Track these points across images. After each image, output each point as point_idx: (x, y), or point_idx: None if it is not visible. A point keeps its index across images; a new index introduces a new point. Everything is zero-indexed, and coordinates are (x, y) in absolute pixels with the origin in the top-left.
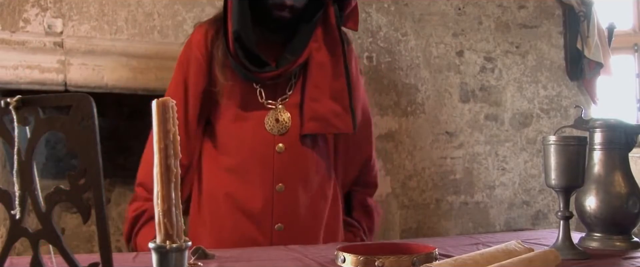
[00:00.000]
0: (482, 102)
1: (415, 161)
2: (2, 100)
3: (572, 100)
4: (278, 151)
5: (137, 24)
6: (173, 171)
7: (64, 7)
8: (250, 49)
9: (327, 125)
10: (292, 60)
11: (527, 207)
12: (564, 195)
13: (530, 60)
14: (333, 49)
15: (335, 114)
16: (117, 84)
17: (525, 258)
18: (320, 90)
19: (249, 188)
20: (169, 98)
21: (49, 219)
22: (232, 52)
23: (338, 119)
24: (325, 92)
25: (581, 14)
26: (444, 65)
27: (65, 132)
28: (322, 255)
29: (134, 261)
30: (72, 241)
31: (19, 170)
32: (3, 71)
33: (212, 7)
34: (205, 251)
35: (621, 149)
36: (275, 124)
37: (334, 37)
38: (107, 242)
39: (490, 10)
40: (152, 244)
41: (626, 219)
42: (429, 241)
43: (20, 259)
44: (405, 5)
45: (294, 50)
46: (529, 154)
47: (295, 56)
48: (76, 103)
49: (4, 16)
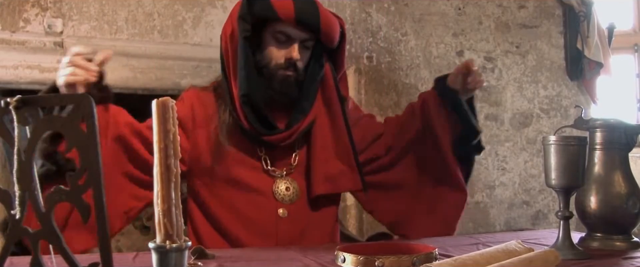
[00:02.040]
0: (482, 102)
1: None
2: (2, 100)
3: (572, 100)
4: (281, 216)
5: (137, 24)
6: (173, 171)
7: (64, 7)
8: (260, 112)
9: (337, 185)
10: (301, 119)
11: (527, 207)
12: (564, 195)
13: (530, 60)
14: (332, 108)
15: (343, 173)
16: (117, 83)
17: (525, 258)
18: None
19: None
20: (168, 98)
21: (49, 219)
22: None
23: (346, 178)
24: (330, 152)
25: (581, 14)
26: (444, 65)
27: (65, 132)
28: (322, 255)
29: (134, 261)
30: None
31: (19, 170)
32: (3, 71)
33: (212, 6)
34: (204, 251)
35: (621, 149)
36: (286, 192)
37: (332, 96)
38: (107, 242)
39: (490, 10)
40: (152, 244)
41: (626, 219)
42: (429, 241)
43: (20, 259)
44: (405, 5)
45: (303, 110)
46: (529, 154)
47: (304, 115)
48: (76, 103)
49: (4, 16)
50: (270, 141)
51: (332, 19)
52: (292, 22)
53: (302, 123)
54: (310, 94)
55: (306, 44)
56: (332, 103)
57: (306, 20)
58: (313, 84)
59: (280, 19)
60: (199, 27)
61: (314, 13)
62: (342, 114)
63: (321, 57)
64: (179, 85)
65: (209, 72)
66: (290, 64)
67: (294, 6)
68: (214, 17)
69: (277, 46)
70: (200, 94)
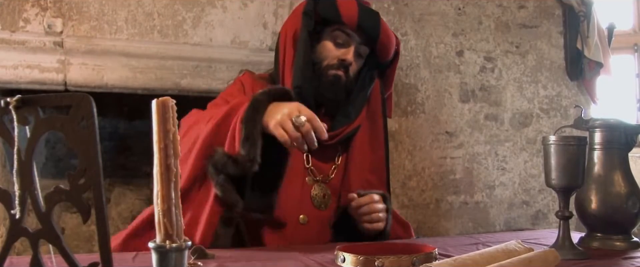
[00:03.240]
0: (482, 102)
1: (415, 160)
2: (2, 100)
3: (572, 100)
4: (301, 222)
5: (137, 24)
6: (173, 171)
7: (63, 6)
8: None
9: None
10: (345, 123)
11: (527, 207)
12: (564, 195)
13: (530, 60)
14: (376, 122)
15: (372, 186)
16: (117, 83)
17: (525, 258)
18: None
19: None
20: (168, 98)
21: (49, 218)
22: None
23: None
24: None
25: (581, 14)
26: (444, 65)
27: (65, 132)
28: (322, 255)
29: (134, 261)
30: (72, 241)
31: (19, 170)
32: (3, 71)
33: (212, 6)
34: (204, 250)
35: (621, 149)
36: (322, 199)
37: (378, 111)
38: (107, 242)
39: (490, 10)
40: (152, 244)
41: (626, 219)
42: (429, 241)
43: (20, 259)
44: (405, 5)
45: (348, 115)
46: (529, 154)
47: (349, 120)
48: (76, 103)
49: (4, 16)
50: None
51: (391, 34)
52: (353, 26)
53: (346, 127)
54: (358, 101)
55: (361, 51)
56: (376, 117)
57: (367, 27)
58: (362, 92)
59: (343, 22)
60: (199, 27)
61: (376, 22)
62: (383, 129)
63: (373, 70)
64: (179, 85)
65: (209, 72)
66: (342, 65)
67: (358, 12)
68: (214, 17)
69: (334, 46)
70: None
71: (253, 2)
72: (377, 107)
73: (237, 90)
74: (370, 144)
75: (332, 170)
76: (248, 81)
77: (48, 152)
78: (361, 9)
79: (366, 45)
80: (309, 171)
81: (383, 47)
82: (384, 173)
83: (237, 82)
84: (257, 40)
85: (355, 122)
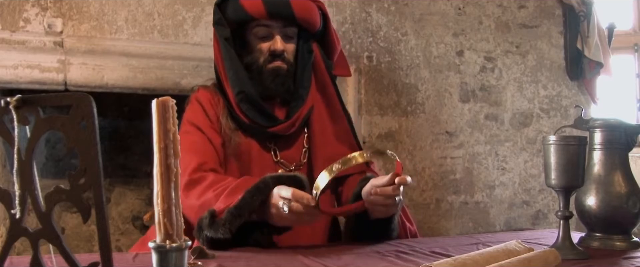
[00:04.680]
0: (482, 102)
1: (415, 160)
2: (2, 100)
3: (572, 100)
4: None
5: (137, 24)
6: (173, 171)
7: (64, 6)
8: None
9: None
10: (299, 108)
11: (527, 207)
12: (564, 195)
13: (531, 60)
14: (326, 90)
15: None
16: (117, 83)
17: (525, 258)
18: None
19: None
20: (169, 98)
21: (49, 218)
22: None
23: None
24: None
25: (581, 14)
26: (444, 65)
27: (65, 131)
28: (322, 255)
29: (134, 261)
30: (72, 241)
31: (19, 169)
32: (3, 71)
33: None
34: (204, 250)
35: (621, 149)
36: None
37: (326, 80)
38: (107, 242)
39: (490, 10)
40: (152, 243)
41: (626, 219)
42: (429, 240)
43: (20, 259)
44: (405, 5)
45: (301, 97)
46: (529, 154)
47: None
48: (76, 103)
49: (4, 16)
50: (273, 131)
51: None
52: (264, 17)
53: (301, 110)
54: (304, 81)
55: (288, 33)
56: (326, 86)
57: (278, 12)
58: (305, 71)
59: (252, 17)
60: (199, 27)
61: (285, 3)
62: (336, 95)
63: (308, 43)
64: (179, 85)
65: (209, 72)
66: (275, 56)
67: (263, 1)
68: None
69: (260, 42)
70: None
71: None
72: (324, 77)
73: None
74: (331, 116)
75: (303, 154)
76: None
77: (48, 152)
78: None
79: (290, 26)
80: (279, 164)
81: (304, 21)
82: (352, 139)
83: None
84: None
85: (307, 102)
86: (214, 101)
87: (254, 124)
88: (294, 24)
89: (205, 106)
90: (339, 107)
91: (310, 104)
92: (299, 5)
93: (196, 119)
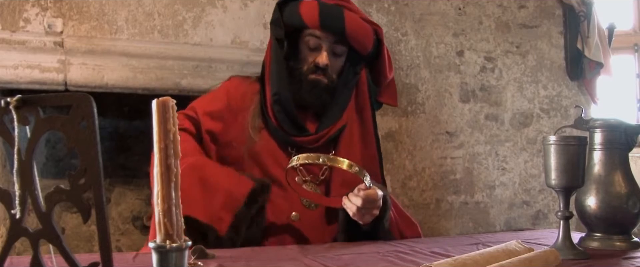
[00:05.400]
0: (482, 102)
1: (415, 160)
2: (2, 100)
3: (572, 100)
4: (292, 219)
5: (137, 24)
6: (173, 171)
7: (64, 6)
8: (289, 109)
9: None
10: (330, 125)
11: (527, 207)
12: (564, 195)
13: (531, 60)
14: (363, 114)
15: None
16: (117, 83)
17: (525, 258)
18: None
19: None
20: (169, 98)
21: (49, 218)
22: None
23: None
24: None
25: (581, 14)
26: (444, 65)
27: (65, 132)
28: (322, 255)
29: (134, 261)
30: (72, 241)
31: (19, 170)
32: (3, 71)
33: (212, 6)
34: (205, 250)
35: (621, 149)
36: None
37: (365, 104)
38: (107, 242)
39: (491, 10)
40: (152, 243)
41: (626, 219)
42: (429, 240)
43: (20, 259)
44: (406, 5)
45: (333, 115)
46: (529, 154)
47: (334, 121)
48: (76, 103)
49: (4, 16)
50: (298, 141)
51: (362, 24)
52: (317, 27)
53: (331, 128)
54: (341, 100)
55: (336, 50)
56: (364, 109)
57: (330, 25)
58: (345, 90)
59: (305, 25)
60: (199, 27)
61: (339, 18)
62: (372, 121)
63: (357, 65)
64: (179, 85)
65: (209, 72)
66: (318, 68)
67: (319, 12)
68: (214, 17)
69: (309, 52)
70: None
71: (253, 2)
72: (364, 101)
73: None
74: (363, 139)
75: (323, 170)
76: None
77: (48, 152)
78: (322, 8)
79: (341, 43)
80: (297, 171)
81: (354, 40)
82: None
83: (221, 87)
84: (257, 40)
85: (339, 122)
86: (248, 93)
87: (280, 129)
88: (345, 41)
89: (232, 95)
90: (372, 133)
91: (343, 123)
92: (352, 23)
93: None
